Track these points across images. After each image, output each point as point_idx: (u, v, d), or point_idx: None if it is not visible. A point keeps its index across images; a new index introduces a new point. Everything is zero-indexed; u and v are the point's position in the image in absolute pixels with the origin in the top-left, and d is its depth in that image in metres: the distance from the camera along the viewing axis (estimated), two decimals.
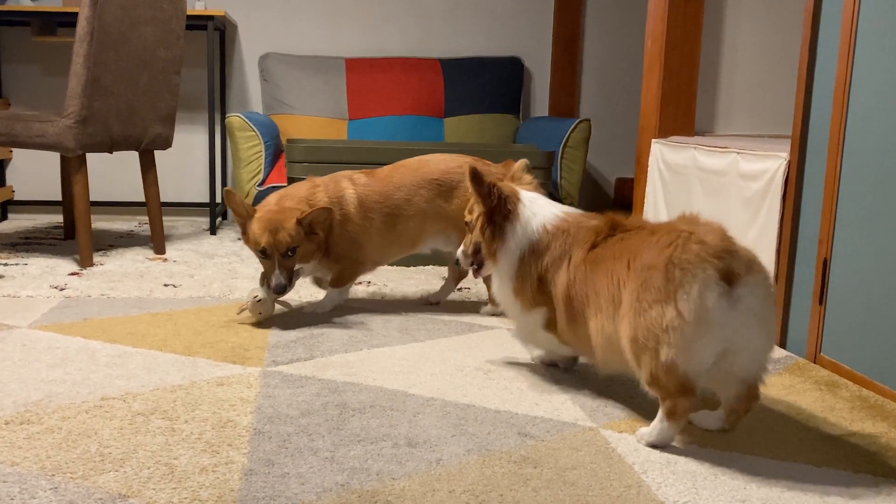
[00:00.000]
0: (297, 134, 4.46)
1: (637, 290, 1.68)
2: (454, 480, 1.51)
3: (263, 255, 2.45)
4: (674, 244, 1.67)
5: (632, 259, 1.74)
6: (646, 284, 1.66)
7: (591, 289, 1.85)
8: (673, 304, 1.61)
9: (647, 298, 1.65)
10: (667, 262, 1.64)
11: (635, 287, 1.69)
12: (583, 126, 4.09)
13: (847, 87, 2.21)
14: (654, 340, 1.64)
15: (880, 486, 1.55)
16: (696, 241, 1.65)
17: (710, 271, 1.61)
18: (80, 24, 3.12)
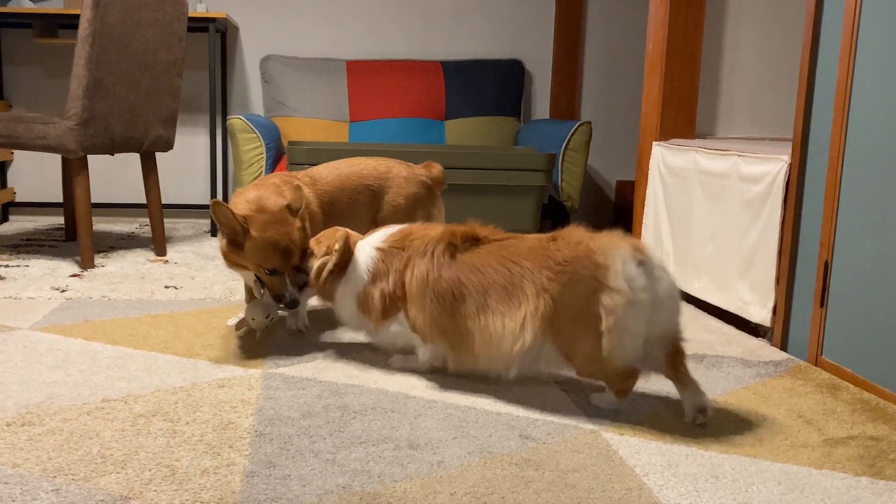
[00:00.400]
0: (298, 136, 4.46)
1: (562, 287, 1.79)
2: (456, 482, 1.51)
3: (271, 273, 2.20)
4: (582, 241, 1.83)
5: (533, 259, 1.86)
6: (574, 277, 1.78)
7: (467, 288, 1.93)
8: (605, 286, 1.74)
9: (579, 291, 1.77)
10: (587, 252, 1.79)
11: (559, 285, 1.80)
12: (584, 129, 4.09)
13: (848, 90, 2.21)
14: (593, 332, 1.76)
15: (881, 490, 1.55)
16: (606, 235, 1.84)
17: (625, 250, 1.77)
18: (82, 26, 3.12)
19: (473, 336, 1.91)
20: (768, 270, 2.54)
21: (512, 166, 3.41)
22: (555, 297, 1.80)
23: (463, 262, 1.97)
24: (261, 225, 2.15)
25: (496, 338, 1.87)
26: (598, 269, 1.75)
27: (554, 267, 1.82)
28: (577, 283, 1.78)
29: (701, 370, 2.23)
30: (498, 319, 1.87)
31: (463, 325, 1.93)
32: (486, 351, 1.90)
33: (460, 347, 1.96)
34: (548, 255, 1.85)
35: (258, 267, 2.18)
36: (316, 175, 2.51)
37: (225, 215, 2.12)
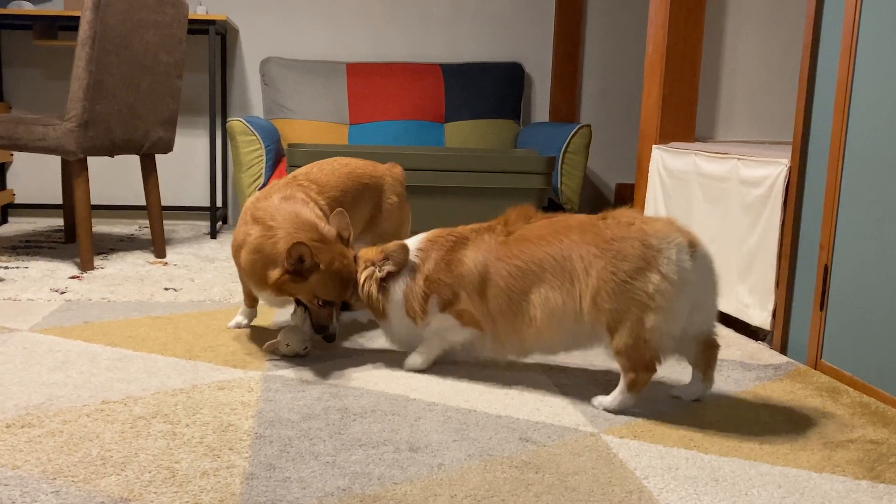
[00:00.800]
0: (297, 138, 4.47)
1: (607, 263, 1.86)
2: (456, 485, 1.51)
3: (323, 304, 2.12)
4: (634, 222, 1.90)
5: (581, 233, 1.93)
6: (619, 255, 1.85)
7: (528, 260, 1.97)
8: (655, 269, 1.82)
9: (624, 268, 1.84)
10: (640, 234, 1.86)
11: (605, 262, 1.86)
12: (583, 131, 4.09)
13: (848, 94, 2.21)
14: (637, 308, 1.83)
15: (881, 493, 1.55)
16: (659, 220, 1.91)
17: (681, 239, 1.85)
18: (82, 28, 3.13)
19: (535, 310, 1.96)
20: (768, 273, 2.54)
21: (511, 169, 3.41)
22: (599, 274, 1.86)
23: (517, 238, 2.02)
24: (328, 257, 2.08)
25: (558, 312, 1.92)
26: (649, 250, 1.83)
27: (600, 244, 1.88)
28: (623, 260, 1.84)
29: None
30: (557, 294, 1.92)
31: (523, 300, 1.97)
32: (548, 327, 1.95)
33: (515, 326, 2.00)
34: (596, 231, 1.91)
35: (314, 298, 2.10)
36: (315, 178, 2.46)
37: (302, 254, 2.03)
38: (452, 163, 3.38)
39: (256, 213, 2.19)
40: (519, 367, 2.23)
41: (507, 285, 1.99)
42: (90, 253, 3.28)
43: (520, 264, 1.98)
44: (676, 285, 1.81)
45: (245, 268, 2.20)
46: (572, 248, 1.91)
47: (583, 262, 1.89)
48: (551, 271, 1.94)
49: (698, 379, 1.99)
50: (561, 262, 1.92)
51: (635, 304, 1.83)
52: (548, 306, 1.93)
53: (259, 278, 2.15)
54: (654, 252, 1.83)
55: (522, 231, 2.04)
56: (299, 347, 2.23)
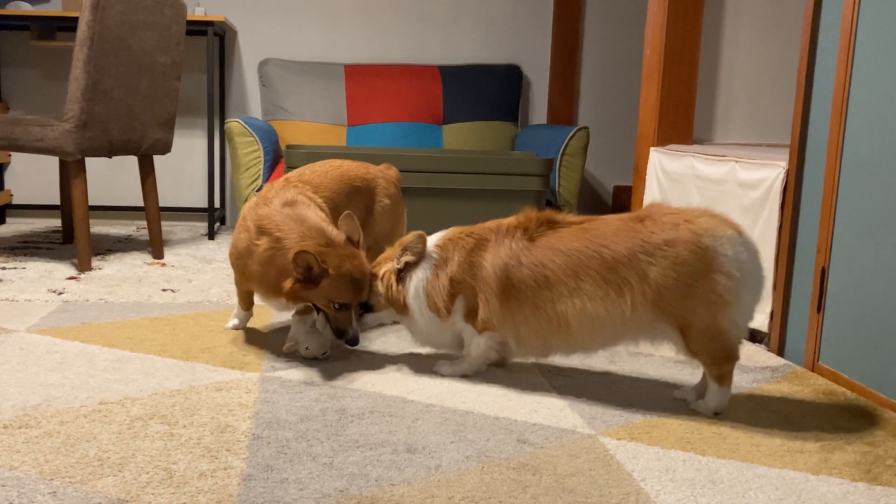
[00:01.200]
0: (295, 140, 4.47)
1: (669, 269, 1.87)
2: (453, 487, 1.51)
3: (340, 308, 2.11)
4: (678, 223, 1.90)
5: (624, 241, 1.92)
6: (678, 259, 1.87)
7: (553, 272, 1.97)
8: (717, 269, 1.84)
9: (686, 272, 1.86)
10: (691, 236, 1.87)
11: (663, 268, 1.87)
12: (581, 134, 4.10)
13: (846, 97, 2.22)
14: (707, 308, 1.85)
15: (878, 495, 1.55)
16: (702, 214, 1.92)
17: (731, 231, 1.88)
18: (81, 29, 3.13)
19: (567, 320, 1.97)
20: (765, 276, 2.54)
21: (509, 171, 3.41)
22: (659, 280, 1.88)
23: (544, 246, 2.01)
24: (337, 260, 2.07)
25: (599, 321, 1.94)
26: (705, 252, 1.86)
27: (652, 250, 1.89)
28: (683, 264, 1.86)
29: (698, 376, 2.24)
30: (599, 304, 1.93)
31: (550, 310, 1.98)
32: (587, 334, 1.97)
33: (540, 333, 2.01)
34: (641, 237, 1.91)
35: (329, 302, 2.10)
36: (308, 180, 2.44)
37: (308, 262, 2.03)
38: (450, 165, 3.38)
39: (261, 223, 2.17)
40: (516, 369, 2.23)
41: (534, 294, 1.99)
42: (88, 254, 3.28)
43: (549, 275, 1.97)
44: (740, 279, 1.85)
45: (256, 279, 2.21)
46: (618, 258, 1.91)
47: (634, 270, 1.90)
48: (590, 281, 1.93)
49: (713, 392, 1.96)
50: (603, 273, 1.92)
51: (704, 305, 1.86)
52: (586, 316, 1.94)
53: (272, 289, 2.16)
54: (710, 253, 1.85)
55: (550, 239, 2.02)
56: (318, 352, 2.23)
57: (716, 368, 1.90)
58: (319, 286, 2.07)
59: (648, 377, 2.21)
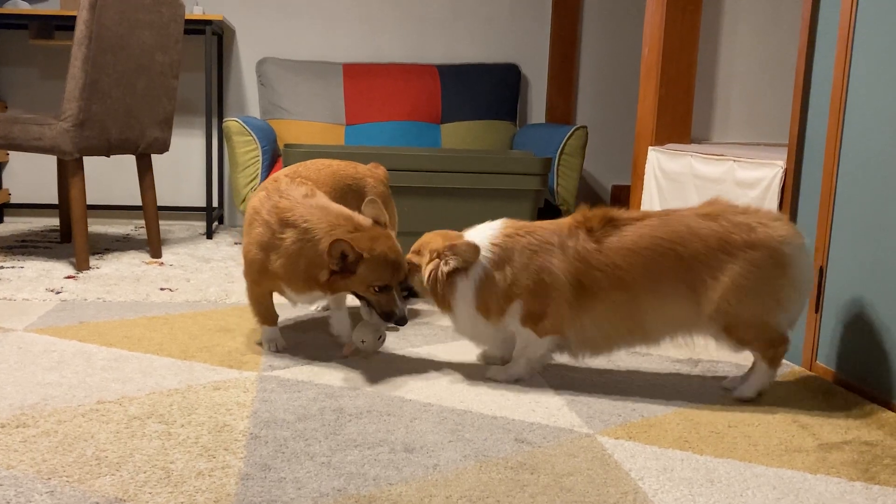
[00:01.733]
0: (294, 139, 4.46)
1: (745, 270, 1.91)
2: (451, 486, 1.51)
3: (381, 290, 2.10)
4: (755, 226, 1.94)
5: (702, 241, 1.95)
6: (755, 262, 1.91)
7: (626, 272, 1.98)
8: (787, 276, 1.91)
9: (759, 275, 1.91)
10: (772, 241, 1.92)
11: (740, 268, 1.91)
12: (579, 133, 4.09)
13: (843, 96, 2.22)
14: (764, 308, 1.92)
15: (875, 495, 1.55)
16: (776, 218, 1.97)
17: (802, 241, 1.95)
18: (79, 28, 3.12)
19: (642, 321, 1.99)
20: None
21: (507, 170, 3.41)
22: (733, 281, 1.92)
23: (613, 246, 1.99)
24: (369, 244, 2.05)
25: (673, 320, 1.98)
26: (783, 258, 1.92)
27: (733, 251, 1.93)
28: (759, 268, 1.92)
29: (696, 375, 2.24)
30: (675, 303, 1.96)
31: (625, 312, 1.99)
32: (659, 333, 2.02)
33: (611, 335, 2.02)
34: (719, 236, 1.94)
35: (368, 287, 2.08)
36: (306, 175, 2.42)
37: (343, 250, 2.01)
38: (448, 164, 3.38)
39: (284, 216, 2.12)
40: None
41: (607, 297, 1.98)
42: (86, 253, 3.27)
43: (624, 276, 1.96)
44: (801, 285, 1.94)
45: (283, 274, 2.14)
46: (696, 257, 1.94)
47: (711, 270, 1.92)
48: (666, 281, 1.95)
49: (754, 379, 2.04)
50: (680, 273, 1.94)
51: (762, 306, 1.93)
52: (662, 315, 1.97)
53: (303, 281, 2.12)
54: (786, 259, 1.91)
55: (618, 239, 2.00)
56: (374, 339, 2.22)
57: (770, 351, 1.98)
58: (357, 273, 2.05)
59: (646, 376, 2.21)
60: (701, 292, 1.93)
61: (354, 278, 2.06)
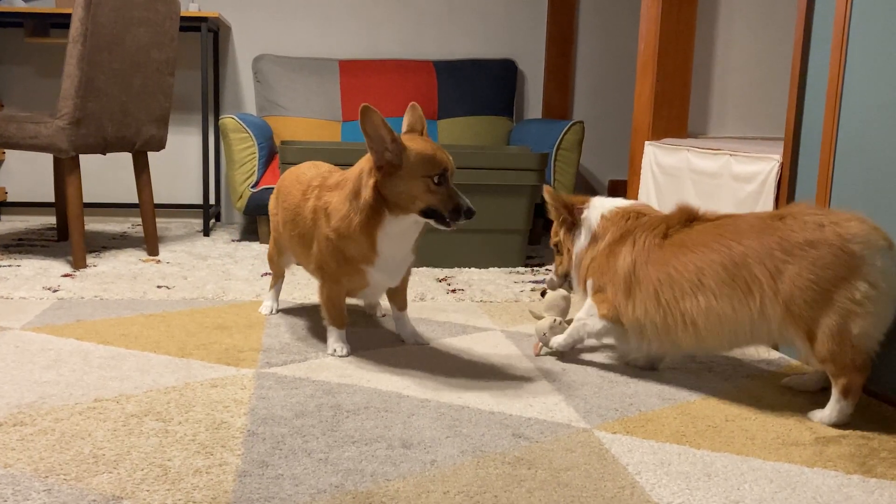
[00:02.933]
0: (290, 136, 4.46)
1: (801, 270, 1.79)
2: (448, 482, 1.51)
3: (440, 181, 2.01)
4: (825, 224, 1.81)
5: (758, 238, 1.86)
6: (819, 262, 1.78)
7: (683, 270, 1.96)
8: (861, 277, 1.74)
9: (827, 276, 1.77)
10: (839, 239, 1.77)
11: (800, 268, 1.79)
12: (576, 128, 4.10)
13: (839, 89, 2.22)
14: (841, 315, 1.76)
15: (872, 488, 1.56)
16: (851, 218, 1.82)
17: (882, 241, 1.79)
18: (74, 26, 3.12)
19: (693, 318, 1.94)
20: None
21: (504, 166, 3.41)
22: (794, 281, 1.80)
23: (674, 243, 2.00)
24: (406, 139, 2.02)
25: (726, 320, 1.89)
26: (852, 258, 1.76)
27: (791, 248, 1.81)
28: (825, 267, 1.77)
29: (693, 369, 2.24)
30: (724, 301, 1.88)
31: (675, 308, 1.96)
32: (714, 333, 1.93)
33: (666, 330, 2.00)
34: (779, 234, 1.84)
35: (425, 179, 1.98)
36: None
37: (374, 121, 1.94)
38: None
39: (327, 182, 2.19)
40: (512, 364, 2.23)
41: (656, 291, 1.98)
42: (83, 251, 3.27)
43: (672, 272, 1.96)
44: (884, 291, 1.75)
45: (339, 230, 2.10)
46: (749, 254, 1.85)
47: (766, 268, 1.83)
48: (715, 279, 1.88)
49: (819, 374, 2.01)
50: (732, 270, 1.87)
51: (839, 313, 1.76)
52: (712, 314, 1.90)
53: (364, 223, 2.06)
54: (857, 260, 1.75)
55: (681, 236, 2.00)
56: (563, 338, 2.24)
57: (843, 379, 1.80)
58: (404, 167, 1.98)
59: (643, 371, 2.21)
60: (757, 293, 1.84)
61: (405, 173, 1.98)
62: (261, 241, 4.05)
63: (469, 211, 2.01)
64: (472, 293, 3.06)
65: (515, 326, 2.61)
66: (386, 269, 2.18)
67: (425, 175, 1.99)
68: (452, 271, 3.44)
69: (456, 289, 3.12)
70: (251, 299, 2.84)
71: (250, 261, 3.56)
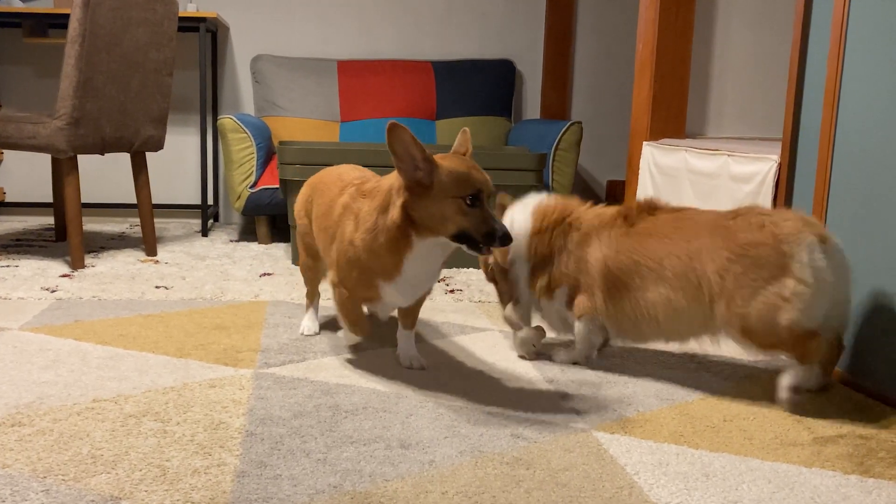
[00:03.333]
0: (288, 136, 4.46)
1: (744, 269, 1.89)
2: (447, 482, 1.51)
3: (473, 203, 1.84)
4: (765, 224, 1.91)
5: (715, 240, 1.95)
6: (756, 262, 1.88)
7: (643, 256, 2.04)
8: (790, 275, 1.84)
9: (762, 275, 1.87)
10: (772, 240, 1.87)
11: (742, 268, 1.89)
12: (574, 128, 4.10)
13: (837, 90, 2.22)
14: (774, 311, 1.86)
15: (870, 487, 1.56)
16: (789, 217, 1.92)
17: (810, 238, 1.87)
18: (72, 26, 3.11)
19: (655, 309, 2.02)
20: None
21: (503, 166, 3.41)
22: (737, 280, 1.89)
23: (639, 231, 2.07)
24: (440, 157, 1.87)
25: (683, 313, 1.98)
26: (782, 257, 1.86)
27: (735, 248, 1.90)
28: (760, 267, 1.87)
29: (691, 370, 2.24)
30: (680, 295, 1.97)
31: (641, 297, 2.04)
32: (673, 325, 2.03)
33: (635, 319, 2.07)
34: (727, 233, 1.93)
35: (458, 200, 1.82)
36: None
37: (404, 139, 1.80)
38: None
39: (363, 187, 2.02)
40: (510, 364, 2.23)
41: (627, 280, 2.05)
42: (81, 251, 3.27)
43: (639, 259, 2.02)
44: (812, 285, 1.83)
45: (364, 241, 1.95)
46: (703, 252, 1.94)
47: (715, 266, 1.92)
48: (673, 271, 1.97)
49: (818, 374, 2.01)
50: (687, 263, 1.96)
51: (769, 308, 1.86)
52: (670, 306, 1.98)
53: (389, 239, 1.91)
54: (786, 259, 1.85)
55: (646, 224, 2.07)
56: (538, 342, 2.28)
57: (798, 349, 1.89)
58: (435, 186, 1.82)
59: (641, 371, 2.21)
60: (706, 289, 1.94)
61: (435, 192, 1.82)
62: (259, 242, 4.05)
63: (505, 237, 1.84)
64: (471, 293, 3.06)
65: None
66: (403, 290, 2.03)
67: (457, 195, 1.83)
68: (451, 271, 3.45)
69: (454, 289, 3.12)
70: (249, 299, 2.84)
71: (248, 261, 3.56)
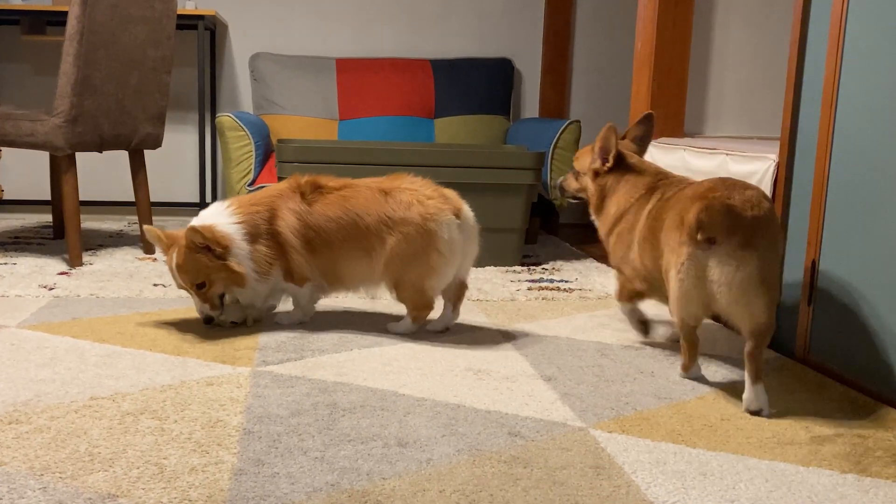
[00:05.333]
0: (287, 134, 4.46)
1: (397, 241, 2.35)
2: (444, 480, 1.51)
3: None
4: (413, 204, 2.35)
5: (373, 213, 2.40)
6: (408, 237, 2.34)
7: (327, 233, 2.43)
8: (434, 248, 2.33)
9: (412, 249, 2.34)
10: (420, 218, 2.33)
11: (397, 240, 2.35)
12: (573, 127, 4.10)
13: (835, 89, 2.22)
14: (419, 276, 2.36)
15: (867, 487, 1.56)
16: (433, 196, 2.38)
17: (450, 217, 2.35)
18: (70, 23, 3.11)
19: (343, 275, 2.45)
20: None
21: (501, 165, 3.41)
22: (393, 249, 2.35)
23: (318, 210, 2.40)
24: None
25: (362, 275, 2.43)
26: (428, 234, 2.33)
27: (392, 224, 2.35)
28: (411, 241, 2.33)
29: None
30: (360, 263, 2.40)
31: (334, 264, 2.43)
32: (356, 284, 2.48)
33: (334, 280, 2.47)
34: (384, 211, 2.36)
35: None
36: None
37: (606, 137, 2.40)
38: (442, 158, 3.38)
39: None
40: (508, 363, 2.23)
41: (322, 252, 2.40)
42: (79, 249, 3.27)
43: (327, 237, 2.38)
44: (449, 254, 2.35)
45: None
46: (370, 227, 2.36)
47: (379, 239, 2.35)
48: (353, 245, 2.37)
49: (449, 310, 2.50)
50: (360, 239, 2.37)
51: (416, 273, 2.35)
52: (355, 272, 2.42)
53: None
54: (431, 235, 2.32)
55: (322, 206, 2.40)
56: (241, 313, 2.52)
57: (416, 312, 2.42)
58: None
59: (639, 370, 2.21)
60: (375, 257, 2.38)
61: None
62: None
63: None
64: (469, 292, 3.06)
65: (512, 325, 2.62)
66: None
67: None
68: None
69: None
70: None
71: None
